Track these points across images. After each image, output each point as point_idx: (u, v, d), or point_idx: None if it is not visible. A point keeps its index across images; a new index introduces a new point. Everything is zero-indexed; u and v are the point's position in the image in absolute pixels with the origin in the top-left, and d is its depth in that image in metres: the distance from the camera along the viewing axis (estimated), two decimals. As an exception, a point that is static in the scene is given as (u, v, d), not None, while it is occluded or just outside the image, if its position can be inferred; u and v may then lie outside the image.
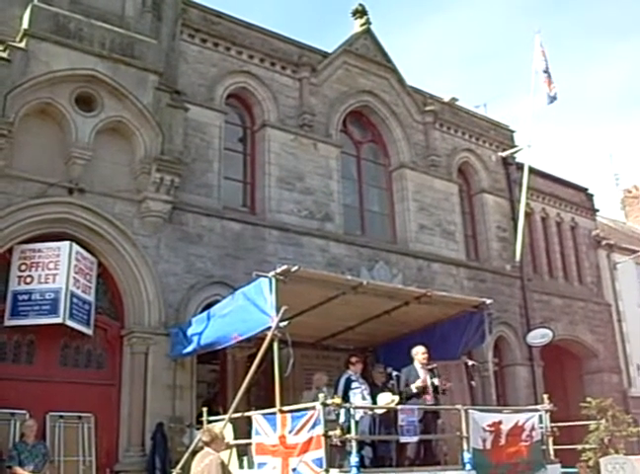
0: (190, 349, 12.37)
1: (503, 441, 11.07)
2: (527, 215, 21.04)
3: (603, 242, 24.71)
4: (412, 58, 59.42)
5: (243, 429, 10.74)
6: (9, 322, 11.84)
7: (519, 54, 67.00)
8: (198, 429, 11.20)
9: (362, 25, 19.07)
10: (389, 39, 48.14)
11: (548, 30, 52.97)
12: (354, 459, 9.31)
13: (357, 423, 9.76)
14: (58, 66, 12.54)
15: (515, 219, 20.50)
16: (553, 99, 20.25)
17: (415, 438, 10.44)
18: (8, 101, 11.84)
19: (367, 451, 10.73)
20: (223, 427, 9.96)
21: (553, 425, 12.31)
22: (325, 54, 17.90)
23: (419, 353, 11.77)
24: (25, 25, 12.48)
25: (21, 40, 12.41)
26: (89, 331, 12.39)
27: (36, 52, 12.38)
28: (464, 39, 62.56)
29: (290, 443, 9.34)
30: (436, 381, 11.59)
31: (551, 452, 12.18)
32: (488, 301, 13.19)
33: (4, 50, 12.19)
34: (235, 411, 10.40)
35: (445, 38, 62.65)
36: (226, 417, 10.51)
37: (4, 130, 11.66)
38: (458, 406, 11.08)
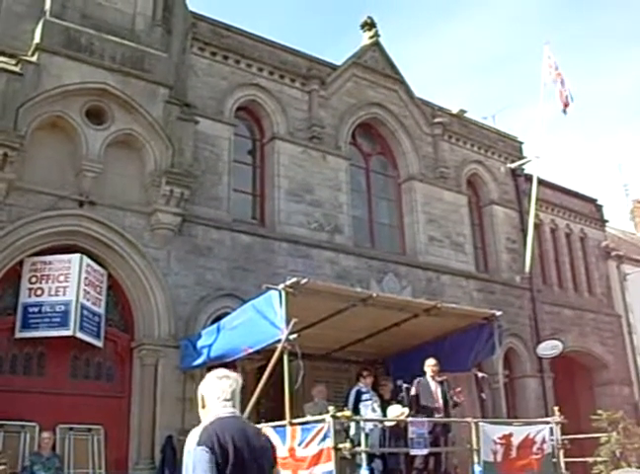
0: (199, 361, 12.37)
1: (514, 454, 11.05)
2: (537, 227, 20.98)
3: (613, 253, 24.60)
4: (420, 69, 59.58)
5: (253, 441, 10.71)
6: (20, 334, 11.89)
7: (528, 65, 66.99)
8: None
9: (371, 37, 19.14)
10: (398, 50, 48.26)
11: (557, 39, 52.88)
12: (364, 472, 9.30)
13: (367, 435, 9.75)
14: (70, 80, 12.64)
15: (524, 231, 20.44)
16: (566, 107, 20.15)
17: (425, 451, 10.42)
18: (20, 114, 11.93)
19: (377, 464, 10.71)
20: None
21: (564, 437, 12.25)
22: (334, 67, 17.96)
23: (429, 365, 11.77)
24: (37, 39, 12.60)
25: (33, 55, 12.52)
26: (99, 343, 12.42)
27: (47, 66, 12.49)
28: (473, 49, 62.64)
29: (300, 456, 9.33)
30: (455, 397, 11.62)
31: (562, 465, 12.11)
32: (498, 313, 13.17)
33: (16, 64, 12.29)
34: (245, 423, 10.38)
35: (454, 48, 62.80)
36: (236, 429, 10.48)
37: (16, 144, 11.73)
38: (469, 418, 11.08)
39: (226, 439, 3.92)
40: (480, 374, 12.95)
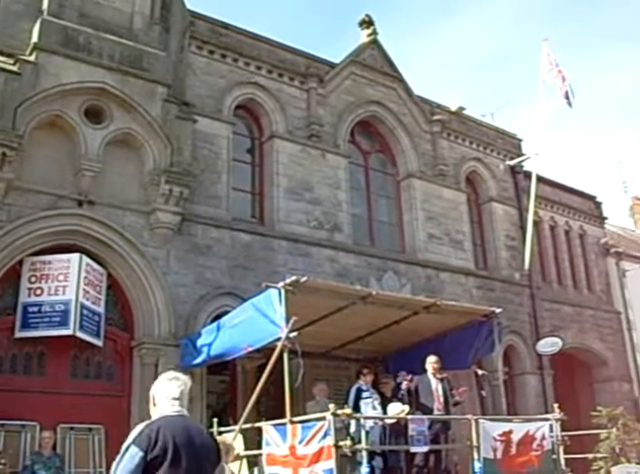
0: (200, 360, 12.37)
1: (514, 451, 11.07)
2: (536, 224, 21.00)
3: (612, 250, 24.60)
4: (419, 67, 59.54)
5: (253, 439, 10.76)
6: (19, 334, 11.89)
7: (527, 62, 67.03)
8: (208, 439, 11.19)
9: (369, 35, 19.12)
10: (396, 47, 48.20)
11: (556, 37, 53.00)
12: (364, 469, 9.33)
13: (367, 433, 9.76)
14: (68, 79, 12.62)
15: (523, 228, 20.45)
16: (568, 100, 20.14)
17: (425, 448, 10.44)
18: (18, 114, 11.92)
19: (378, 462, 10.73)
20: (234, 437, 9.97)
21: (564, 434, 12.27)
22: (332, 65, 17.94)
23: (430, 362, 11.79)
24: (34, 38, 12.58)
25: (31, 54, 12.50)
26: (99, 342, 12.42)
27: (45, 66, 12.47)
28: (472, 46, 62.67)
29: (301, 454, 9.35)
30: (460, 389, 11.65)
31: (562, 462, 12.13)
32: (497, 310, 13.19)
33: (14, 64, 12.28)
34: (245, 421, 10.41)
35: (453, 45, 62.79)
36: (236, 427, 10.52)
37: (14, 143, 11.72)
38: (469, 415, 11.10)
39: (166, 437, 4.15)
40: (480, 371, 12.95)
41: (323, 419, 9.27)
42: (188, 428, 4.33)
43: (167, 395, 4.49)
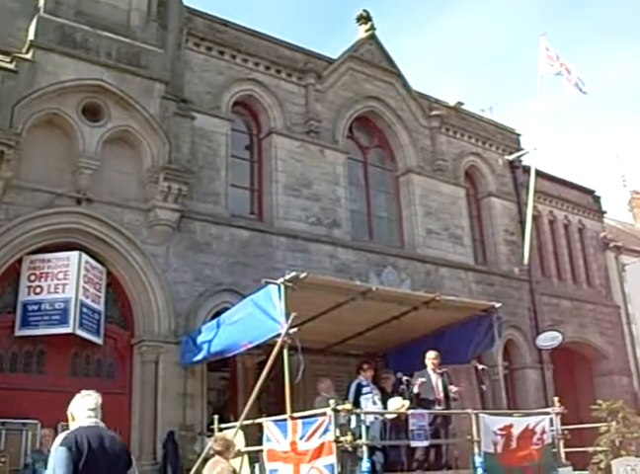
0: (200, 356, 12.38)
1: (514, 445, 11.07)
2: (535, 218, 21.01)
3: (611, 244, 24.61)
4: (417, 62, 59.51)
5: (254, 435, 10.75)
6: (19, 332, 11.91)
7: (525, 57, 66.96)
8: (209, 436, 11.21)
9: (367, 31, 19.11)
10: (394, 43, 48.20)
11: (554, 32, 52.90)
12: (365, 465, 9.31)
13: (367, 428, 9.76)
14: (65, 77, 12.61)
15: (522, 222, 20.47)
16: (581, 89, 20.15)
17: (426, 443, 10.43)
18: (15, 112, 11.91)
19: (379, 457, 10.72)
20: (234, 434, 9.97)
21: (564, 427, 12.29)
22: (330, 61, 17.92)
23: (429, 357, 11.79)
24: (31, 36, 12.58)
25: (27, 52, 12.49)
26: (99, 340, 12.43)
27: (42, 63, 12.46)
28: (470, 41, 62.58)
29: (302, 450, 9.34)
30: (453, 388, 11.65)
31: (562, 455, 12.17)
32: (497, 305, 13.19)
33: (11, 62, 12.27)
34: (246, 418, 10.40)
35: (451, 40, 62.68)
36: (237, 424, 10.52)
37: (12, 141, 11.71)
38: (469, 410, 11.09)
39: (83, 442, 4.94)
40: (480, 366, 12.93)
41: (323, 414, 9.27)
42: (101, 435, 5.12)
43: (83, 409, 5.33)
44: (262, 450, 10.13)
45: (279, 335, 10.02)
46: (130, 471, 5.35)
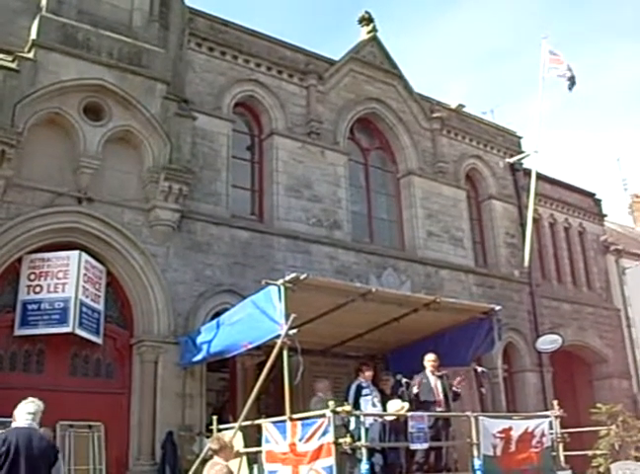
0: (199, 357, 12.37)
1: (513, 448, 11.05)
2: (535, 221, 21.00)
3: (612, 247, 24.60)
4: (419, 64, 59.49)
5: (253, 436, 10.74)
6: (19, 331, 11.89)
7: (527, 59, 66.94)
8: (207, 437, 11.19)
9: (369, 32, 19.11)
10: (396, 44, 48.26)
11: (555, 32, 52.76)
12: (364, 467, 9.31)
13: (367, 430, 9.75)
14: (67, 76, 12.61)
15: (523, 225, 20.46)
16: (571, 82, 20.13)
17: (425, 445, 10.42)
18: (17, 111, 11.91)
19: (378, 459, 10.69)
20: (233, 435, 9.94)
21: (563, 431, 12.29)
22: (332, 62, 17.93)
23: (428, 360, 11.78)
24: (33, 35, 12.56)
25: (29, 51, 12.49)
26: (98, 340, 12.41)
27: (44, 63, 12.45)
28: (471, 43, 62.62)
29: (301, 451, 9.33)
30: (457, 378, 11.66)
31: (562, 459, 12.14)
32: (497, 307, 13.17)
33: (13, 61, 12.26)
34: (245, 419, 10.39)
35: (453, 42, 62.70)
36: (236, 425, 10.50)
37: (13, 140, 11.71)
38: (468, 413, 11.07)
39: (11, 440, 6.09)
40: (479, 369, 12.92)
41: (323, 416, 9.26)
42: (30, 435, 6.23)
43: (23, 413, 6.43)
44: (261, 451, 10.13)
45: (278, 336, 10.01)
46: (56, 466, 6.51)
